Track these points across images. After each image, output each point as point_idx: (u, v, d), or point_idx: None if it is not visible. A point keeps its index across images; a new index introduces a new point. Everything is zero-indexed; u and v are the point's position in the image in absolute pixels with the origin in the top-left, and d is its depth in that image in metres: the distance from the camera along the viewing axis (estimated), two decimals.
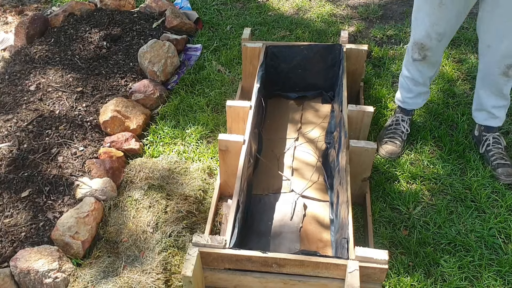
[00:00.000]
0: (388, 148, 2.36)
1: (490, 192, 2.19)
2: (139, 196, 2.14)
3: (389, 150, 2.36)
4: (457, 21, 2.09)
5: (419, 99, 2.42)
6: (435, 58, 2.23)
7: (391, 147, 2.36)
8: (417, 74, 2.30)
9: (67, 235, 1.95)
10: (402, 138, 2.40)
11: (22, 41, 3.15)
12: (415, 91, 2.37)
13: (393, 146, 2.36)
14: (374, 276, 1.49)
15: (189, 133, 2.57)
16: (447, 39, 2.15)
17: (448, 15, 2.04)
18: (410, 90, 2.38)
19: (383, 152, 2.37)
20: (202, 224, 2.09)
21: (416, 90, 2.37)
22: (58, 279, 1.84)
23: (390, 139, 2.39)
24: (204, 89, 2.86)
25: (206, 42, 3.24)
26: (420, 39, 2.16)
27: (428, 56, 2.20)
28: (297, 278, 1.53)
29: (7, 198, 2.13)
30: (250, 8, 3.62)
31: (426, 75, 2.31)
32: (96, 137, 2.47)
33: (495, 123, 2.33)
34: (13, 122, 2.47)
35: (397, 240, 2.02)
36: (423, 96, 2.42)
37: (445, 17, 2.05)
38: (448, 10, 2.02)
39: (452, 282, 1.86)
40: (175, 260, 1.92)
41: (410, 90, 2.38)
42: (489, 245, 1.99)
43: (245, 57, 2.49)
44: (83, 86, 2.74)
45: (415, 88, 2.36)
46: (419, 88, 2.36)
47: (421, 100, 2.43)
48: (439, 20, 2.06)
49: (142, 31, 3.20)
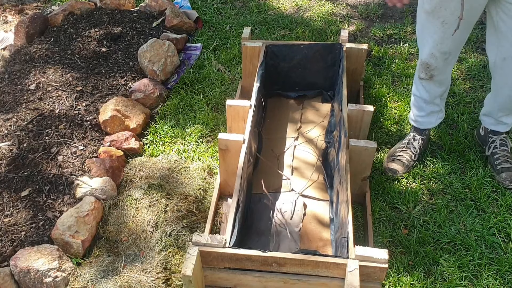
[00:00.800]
0: (393, 165, 2.30)
1: (490, 191, 2.19)
2: (139, 195, 2.14)
3: (393, 168, 2.29)
4: (461, 38, 2.01)
5: (432, 118, 2.31)
6: (442, 77, 2.15)
7: (396, 165, 2.29)
8: (424, 93, 2.22)
9: (67, 234, 1.95)
10: (411, 158, 2.31)
11: (22, 40, 3.14)
12: (426, 110, 2.28)
13: (398, 165, 2.29)
14: (374, 275, 1.49)
15: (189, 132, 2.57)
16: (453, 57, 2.07)
17: (451, 33, 1.95)
18: (421, 109, 2.29)
19: (386, 168, 2.31)
20: (202, 223, 2.09)
21: (427, 108, 2.27)
22: (58, 278, 1.84)
23: (398, 157, 2.31)
24: (204, 88, 2.86)
25: (206, 41, 3.24)
26: (426, 59, 2.08)
27: (435, 75, 2.12)
28: (297, 277, 1.53)
29: (7, 197, 2.13)
30: (250, 7, 3.62)
31: (434, 94, 2.21)
32: (96, 136, 2.47)
33: (503, 128, 2.26)
34: (13, 121, 2.47)
35: (397, 239, 2.02)
36: (435, 115, 2.30)
37: (449, 36, 1.97)
38: (452, 28, 1.91)
39: (452, 281, 1.86)
40: (175, 259, 1.92)
41: (421, 109, 2.29)
42: (489, 244, 1.99)
43: (245, 56, 2.49)
44: (83, 85, 2.74)
45: (425, 106, 2.27)
46: (430, 106, 2.26)
47: (434, 119, 2.32)
48: (443, 39, 1.98)
49: (142, 30, 3.20)
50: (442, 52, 2.02)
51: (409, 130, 2.47)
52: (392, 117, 2.60)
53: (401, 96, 2.73)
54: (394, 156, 2.33)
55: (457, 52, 2.08)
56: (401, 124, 2.56)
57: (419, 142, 2.33)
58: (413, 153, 2.32)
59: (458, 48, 2.07)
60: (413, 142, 2.34)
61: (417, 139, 2.34)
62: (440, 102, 2.27)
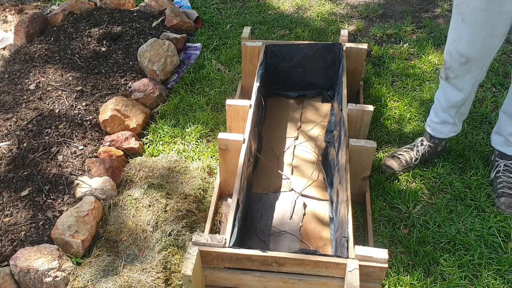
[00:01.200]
0: (390, 162, 2.29)
1: (489, 191, 2.19)
2: (139, 195, 2.14)
3: (389, 164, 2.28)
4: (484, 46, 1.87)
5: (445, 128, 2.24)
6: (458, 82, 2.04)
7: (393, 162, 2.28)
8: (442, 96, 2.15)
9: (67, 234, 1.95)
10: (411, 160, 2.29)
11: (22, 40, 3.14)
12: (440, 117, 2.21)
13: (395, 162, 2.28)
14: (374, 275, 1.49)
15: (189, 132, 2.57)
16: (473, 65, 1.94)
17: (471, 35, 1.85)
18: (436, 114, 2.23)
19: (383, 164, 2.30)
20: (202, 223, 2.09)
21: (441, 116, 2.20)
22: (58, 278, 1.84)
23: (398, 155, 2.30)
24: (204, 88, 2.86)
25: (206, 41, 3.24)
26: (444, 54, 2.02)
27: (450, 77, 2.04)
28: (297, 277, 1.53)
29: (7, 197, 2.13)
30: (250, 7, 3.62)
31: (450, 100, 2.12)
32: (96, 136, 2.47)
33: (510, 151, 2.18)
34: (13, 121, 2.47)
35: (397, 239, 2.02)
36: (448, 126, 2.23)
37: (467, 36, 1.86)
38: (470, 28, 1.83)
39: (452, 281, 1.86)
40: (175, 259, 1.92)
41: (437, 114, 2.23)
42: (488, 244, 1.99)
43: (245, 56, 2.49)
44: (83, 85, 2.74)
45: (441, 113, 2.20)
46: (445, 115, 2.19)
47: (446, 130, 2.24)
48: (461, 37, 1.89)
49: (142, 30, 3.20)
50: (458, 52, 1.93)
51: (409, 130, 2.47)
52: (392, 116, 2.60)
53: (401, 95, 2.73)
54: (395, 154, 2.32)
55: (479, 61, 1.94)
56: (401, 124, 2.56)
57: (425, 148, 2.29)
58: (415, 156, 2.29)
59: (480, 57, 1.92)
60: (419, 146, 2.31)
61: (424, 144, 2.30)
62: (455, 115, 2.19)
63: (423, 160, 2.31)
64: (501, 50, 3.04)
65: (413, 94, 2.74)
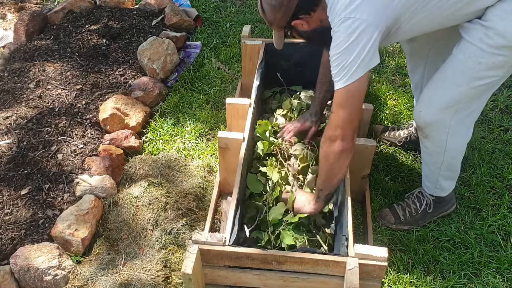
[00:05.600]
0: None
1: (489, 189, 2.19)
2: (139, 194, 2.14)
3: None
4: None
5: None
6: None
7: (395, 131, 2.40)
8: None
9: (67, 232, 1.95)
10: (403, 136, 2.37)
11: (22, 38, 3.14)
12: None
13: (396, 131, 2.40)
14: (374, 273, 1.49)
15: (189, 130, 2.57)
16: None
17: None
18: None
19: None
20: (201, 222, 2.09)
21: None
22: (58, 276, 1.84)
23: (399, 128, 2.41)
24: (203, 87, 2.86)
25: (205, 40, 3.24)
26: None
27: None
28: (297, 275, 1.53)
29: (7, 196, 2.13)
30: (249, 5, 3.62)
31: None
32: (96, 135, 2.47)
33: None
34: (12, 119, 2.47)
35: (397, 237, 2.02)
36: None
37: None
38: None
39: (452, 279, 1.86)
40: (174, 257, 1.92)
41: None
42: (488, 242, 1.99)
43: (245, 54, 2.49)
44: (83, 83, 2.73)
45: None
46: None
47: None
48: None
49: (142, 29, 3.20)
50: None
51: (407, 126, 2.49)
52: (391, 114, 2.60)
53: (401, 94, 2.73)
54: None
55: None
56: (400, 122, 2.56)
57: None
58: (406, 136, 2.37)
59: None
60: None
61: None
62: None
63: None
64: None
65: None
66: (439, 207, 2.05)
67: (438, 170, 1.93)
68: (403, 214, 2.04)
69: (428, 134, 1.83)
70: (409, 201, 2.07)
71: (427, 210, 2.04)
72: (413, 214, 2.04)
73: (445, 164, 1.90)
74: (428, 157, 1.94)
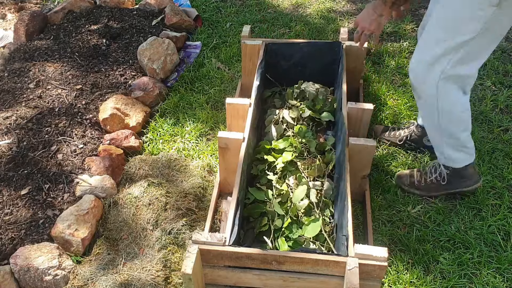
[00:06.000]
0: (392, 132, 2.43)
1: (489, 189, 2.19)
2: (139, 194, 2.14)
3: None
4: None
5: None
6: None
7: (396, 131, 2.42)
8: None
9: (67, 232, 1.95)
10: (403, 135, 2.38)
11: (22, 38, 3.14)
12: None
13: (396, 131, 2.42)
14: (374, 273, 1.49)
15: (189, 130, 2.57)
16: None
17: None
18: None
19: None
20: (201, 222, 2.09)
21: None
22: (58, 276, 1.84)
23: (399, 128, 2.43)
24: (203, 87, 2.86)
25: (205, 40, 3.24)
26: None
27: None
28: (297, 275, 1.53)
29: (7, 196, 2.13)
30: (249, 5, 3.62)
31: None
32: (96, 135, 2.47)
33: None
34: (12, 119, 2.47)
35: (397, 237, 2.02)
36: None
37: None
38: None
39: (452, 279, 1.86)
40: (174, 258, 1.92)
41: None
42: (488, 242, 1.99)
43: (245, 54, 2.49)
44: (83, 83, 2.73)
45: None
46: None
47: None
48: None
49: (142, 29, 3.20)
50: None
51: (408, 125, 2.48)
52: (392, 115, 2.60)
53: (401, 94, 2.73)
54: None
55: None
56: (400, 122, 2.56)
57: (418, 130, 2.36)
58: (406, 136, 2.38)
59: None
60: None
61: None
62: None
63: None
64: (501, 48, 3.04)
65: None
66: (455, 182, 2.09)
67: (440, 136, 2.00)
68: (418, 180, 2.14)
69: (420, 95, 1.92)
70: (427, 170, 2.16)
71: (441, 182, 2.09)
72: (427, 182, 2.12)
73: (445, 130, 1.95)
74: (427, 122, 2.02)
